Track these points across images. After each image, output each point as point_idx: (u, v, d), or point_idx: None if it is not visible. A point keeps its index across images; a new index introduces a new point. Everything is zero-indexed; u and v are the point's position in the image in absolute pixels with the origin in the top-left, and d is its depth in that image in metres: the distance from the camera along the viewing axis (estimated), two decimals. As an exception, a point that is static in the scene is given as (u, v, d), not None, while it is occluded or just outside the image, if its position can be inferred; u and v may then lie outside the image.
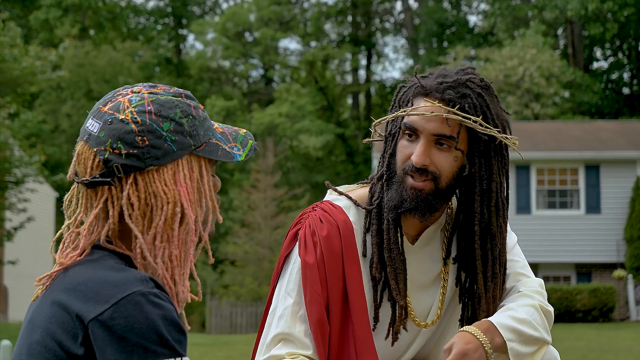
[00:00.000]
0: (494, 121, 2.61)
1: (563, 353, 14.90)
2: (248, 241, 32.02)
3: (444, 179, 2.58)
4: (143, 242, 1.82)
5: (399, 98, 2.68)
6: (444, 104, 2.56)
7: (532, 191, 25.24)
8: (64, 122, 39.55)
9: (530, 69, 33.55)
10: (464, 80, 2.61)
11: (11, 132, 20.63)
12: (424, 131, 2.57)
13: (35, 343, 1.77)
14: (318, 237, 2.62)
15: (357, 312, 2.60)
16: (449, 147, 2.57)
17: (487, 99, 2.62)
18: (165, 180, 1.84)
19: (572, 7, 35.86)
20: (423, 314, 2.75)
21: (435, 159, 2.57)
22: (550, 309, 2.66)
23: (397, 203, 2.59)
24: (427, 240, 2.73)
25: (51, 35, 42.71)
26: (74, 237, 1.88)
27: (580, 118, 35.63)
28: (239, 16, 44.27)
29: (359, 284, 2.62)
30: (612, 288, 23.25)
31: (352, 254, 2.63)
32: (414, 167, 2.56)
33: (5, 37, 20.52)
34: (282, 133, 40.34)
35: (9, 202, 21.68)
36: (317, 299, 2.57)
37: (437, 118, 2.55)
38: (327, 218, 2.66)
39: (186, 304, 1.87)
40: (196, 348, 17.29)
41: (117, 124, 1.83)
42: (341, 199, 2.73)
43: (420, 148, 2.56)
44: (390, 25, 50.27)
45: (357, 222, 2.69)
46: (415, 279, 2.72)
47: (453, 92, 2.58)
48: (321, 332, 2.56)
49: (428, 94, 2.59)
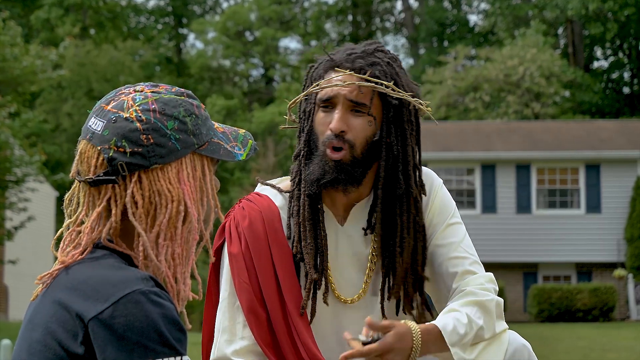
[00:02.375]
0: (405, 88, 2.66)
1: (564, 352, 14.90)
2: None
3: (359, 146, 2.62)
4: (146, 240, 1.82)
5: (311, 76, 2.74)
6: (355, 72, 2.63)
7: (532, 191, 25.24)
8: (65, 121, 39.56)
9: (531, 68, 33.55)
10: (371, 50, 2.69)
11: (11, 132, 20.61)
12: (340, 98, 2.63)
13: (35, 342, 1.77)
14: (241, 227, 2.67)
15: (288, 291, 2.64)
16: (363, 113, 2.62)
17: (395, 67, 2.68)
18: (169, 179, 1.84)
19: (572, 6, 35.86)
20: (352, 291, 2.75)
21: (351, 124, 2.62)
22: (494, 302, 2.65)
23: (319, 176, 2.63)
24: (356, 218, 2.74)
25: (52, 34, 42.72)
26: (74, 236, 1.87)
27: (581, 117, 35.62)
28: (239, 15, 44.28)
29: (288, 265, 2.66)
30: (613, 287, 23.26)
31: (278, 237, 2.68)
32: (332, 134, 2.61)
33: (6, 36, 20.52)
34: (282, 132, 40.34)
35: (9, 202, 21.67)
36: (245, 288, 2.62)
37: (350, 86, 2.61)
38: (250, 206, 2.71)
39: (187, 302, 1.87)
40: (196, 347, 17.28)
41: (122, 122, 1.83)
42: (267, 188, 2.80)
43: (338, 114, 2.62)
44: (391, 25, 50.29)
45: (283, 207, 2.74)
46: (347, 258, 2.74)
47: (363, 61, 2.65)
48: (255, 319, 2.61)
49: (339, 66, 2.66)
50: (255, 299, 2.62)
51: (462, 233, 2.78)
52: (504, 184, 25.13)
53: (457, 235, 2.77)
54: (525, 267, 25.47)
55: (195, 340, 20.22)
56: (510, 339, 2.65)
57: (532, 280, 25.59)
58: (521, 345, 2.65)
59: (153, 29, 49.47)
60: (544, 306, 23.40)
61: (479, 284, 2.68)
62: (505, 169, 25.07)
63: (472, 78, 34.47)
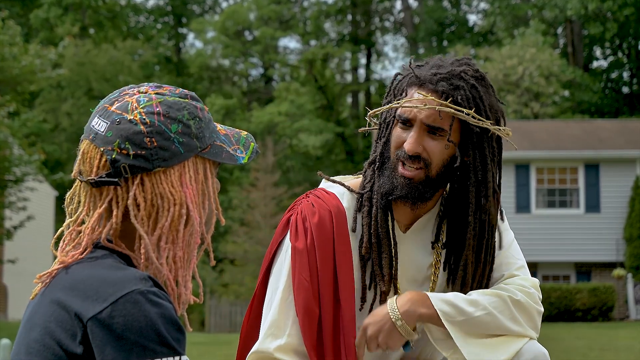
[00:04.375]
0: (487, 113, 2.62)
1: (563, 352, 14.89)
2: (247, 240, 32.01)
3: (435, 167, 2.60)
4: (148, 243, 1.82)
5: (394, 87, 2.71)
6: (437, 95, 2.59)
7: (531, 190, 25.24)
8: (64, 120, 39.53)
9: (530, 68, 33.55)
10: (458, 72, 2.62)
11: (11, 131, 20.60)
12: (417, 121, 2.59)
13: (34, 342, 1.77)
14: (309, 223, 2.64)
15: (345, 295, 2.63)
16: (441, 136, 2.60)
17: (480, 90, 2.62)
18: (172, 182, 1.84)
19: (571, 6, 35.85)
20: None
21: (427, 146, 2.59)
22: (524, 300, 2.64)
23: (388, 190, 2.63)
24: (419, 228, 2.74)
25: (51, 34, 42.69)
26: (74, 236, 1.87)
27: (580, 117, 35.61)
28: (238, 15, 44.26)
29: (349, 269, 2.65)
30: (612, 287, 23.25)
31: (344, 240, 2.65)
32: (406, 154, 2.59)
33: (5, 35, 20.51)
34: (281, 132, 40.34)
35: (8, 201, 21.66)
36: (305, 286, 2.60)
37: (430, 109, 2.57)
38: (320, 204, 2.68)
39: (186, 304, 1.87)
40: (195, 347, 17.28)
41: (126, 124, 1.83)
42: (335, 186, 2.76)
43: (414, 136, 2.59)
44: (390, 24, 50.28)
45: (350, 208, 2.71)
46: (407, 267, 2.73)
47: (446, 83, 2.59)
48: (308, 319, 2.59)
49: (422, 85, 2.61)
50: (312, 299, 2.60)
51: (509, 240, 2.79)
52: (503, 184, 24.88)
53: (506, 241, 2.78)
54: (524, 266, 25.46)
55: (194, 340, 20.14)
56: (530, 346, 2.62)
57: (531, 279, 25.58)
58: (541, 354, 2.64)
59: (152, 29, 49.45)
60: (543, 306, 23.40)
61: (519, 284, 2.68)
62: (505, 169, 25.07)
63: (472, 78, 34.43)
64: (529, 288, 2.68)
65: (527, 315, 2.65)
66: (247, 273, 31.42)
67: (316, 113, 42.71)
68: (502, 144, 2.72)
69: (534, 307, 2.66)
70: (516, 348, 2.60)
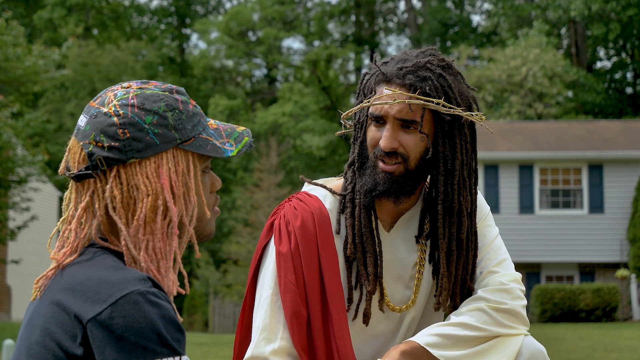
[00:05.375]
0: (457, 100, 2.63)
1: (567, 352, 14.89)
2: (251, 240, 32.00)
3: (413, 160, 2.62)
4: (127, 235, 1.82)
5: (363, 86, 2.73)
6: (405, 89, 2.60)
7: (535, 191, 25.22)
8: (68, 121, 39.55)
9: (534, 68, 33.53)
10: (423, 63, 2.63)
11: (14, 132, 20.61)
12: (389, 117, 2.61)
13: (34, 343, 1.77)
14: (292, 226, 2.66)
15: (333, 296, 2.64)
16: (414, 129, 2.61)
17: (448, 78, 2.63)
18: (147, 173, 1.84)
19: (575, 7, 35.83)
20: (401, 300, 2.76)
21: (403, 141, 2.61)
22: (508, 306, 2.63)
23: (371, 187, 2.64)
24: (403, 226, 2.75)
25: (55, 34, 42.75)
26: (67, 234, 1.88)
27: (584, 118, 35.59)
28: (242, 15, 44.27)
29: (335, 270, 2.66)
30: (616, 288, 23.22)
31: (327, 241, 2.67)
32: (383, 151, 2.61)
33: (9, 36, 20.52)
34: (285, 132, 40.34)
35: (12, 201, 21.67)
36: (291, 288, 2.61)
37: (400, 104, 2.59)
38: (302, 206, 2.69)
39: (190, 303, 1.88)
40: (199, 347, 17.29)
41: (101, 117, 1.85)
42: (317, 188, 2.78)
43: (387, 132, 2.61)
44: (394, 25, 50.28)
45: (333, 210, 2.73)
46: (392, 265, 2.74)
47: (413, 76, 2.61)
48: (297, 321, 2.60)
49: (389, 81, 2.63)
50: (300, 301, 2.61)
51: (491, 235, 2.79)
52: (507, 184, 25.12)
53: (487, 237, 2.78)
54: (528, 267, 25.45)
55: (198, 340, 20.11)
56: (527, 344, 2.63)
57: (534, 280, 25.57)
58: (538, 351, 2.65)
59: (156, 29, 49.47)
60: (546, 306, 23.37)
61: (497, 283, 2.67)
62: (508, 169, 25.06)
63: (475, 78, 34.45)
64: (507, 284, 2.67)
65: (514, 315, 2.65)
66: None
67: (320, 113, 42.72)
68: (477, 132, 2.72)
69: (517, 306, 2.66)
70: (514, 349, 2.61)
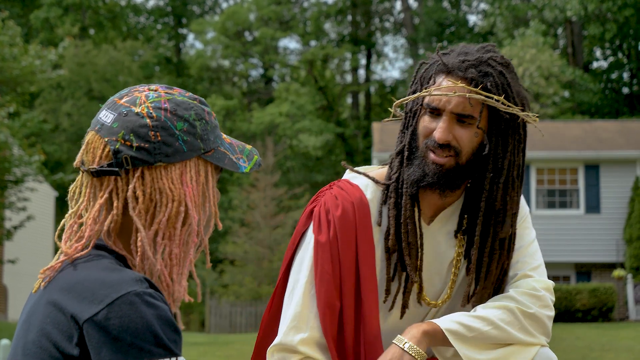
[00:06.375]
0: (515, 99, 2.60)
1: (563, 352, 14.90)
2: (247, 240, 32.00)
3: (465, 155, 2.58)
4: (144, 237, 1.82)
5: (421, 75, 2.68)
6: (466, 83, 2.56)
7: (531, 191, 25.23)
8: (64, 121, 39.54)
9: (530, 68, 33.56)
10: (485, 59, 2.60)
11: (11, 132, 20.60)
12: (447, 110, 2.57)
13: (31, 343, 1.77)
14: (332, 215, 2.62)
15: (367, 288, 2.61)
16: (470, 124, 2.57)
17: (508, 77, 2.60)
18: (172, 178, 1.85)
19: (571, 7, 35.85)
20: (436, 294, 2.74)
21: (457, 134, 2.57)
22: (535, 311, 2.61)
23: (419, 177, 2.60)
24: (444, 220, 2.72)
25: (51, 34, 42.72)
26: (76, 228, 1.88)
27: (580, 118, 35.61)
28: (238, 15, 44.27)
29: (372, 262, 2.62)
30: (612, 288, 23.24)
31: (367, 232, 2.63)
32: (436, 143, 2.57)
33: (5, 36, 20.51)
34: (281, 132, 40.34)
35: (8, 201, 21.66)
36: (326, 279, 2.58)
37: (460, 97, 2.55)
38: (343, 196, 2.66)
39: (186, 303, 1.87)
40: (195, 347, 17.27)
41: (132, 116, 1.85)
42: (359, 177, 2.74)
43: (443, 125, 2.56)
44: (390, 25, 50.28)
45: (374, 199, 2.69)
46: (430, 259, 2.71)
47: (475, 70, 2.57)
48: (330, 312, 2.57)
49: (450, 72, 2.59)
50: (334, 292, 2.58)
51: (529, 238, 2.77)
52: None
53: (525, 240, 2.75)
54: (524, 267, 25.47)
55: (194, 340, 20.12)
56: (540, 354, 2.60)
57: (531, 280, 25.59)
58: None
59: (152, 29, 49.46)
60: (543, 306, 23.40)
61: (530, 288, 2.64)
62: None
63: (472, 78, 34.46)
64: (539, 291, 2.64)
65: (538, 323, 2.62)
66: (247, 274, 31.40)
67: (316, 114, 42.72)
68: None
69: (544, 315, 2.62)
70: (527, 358, 2.58)
